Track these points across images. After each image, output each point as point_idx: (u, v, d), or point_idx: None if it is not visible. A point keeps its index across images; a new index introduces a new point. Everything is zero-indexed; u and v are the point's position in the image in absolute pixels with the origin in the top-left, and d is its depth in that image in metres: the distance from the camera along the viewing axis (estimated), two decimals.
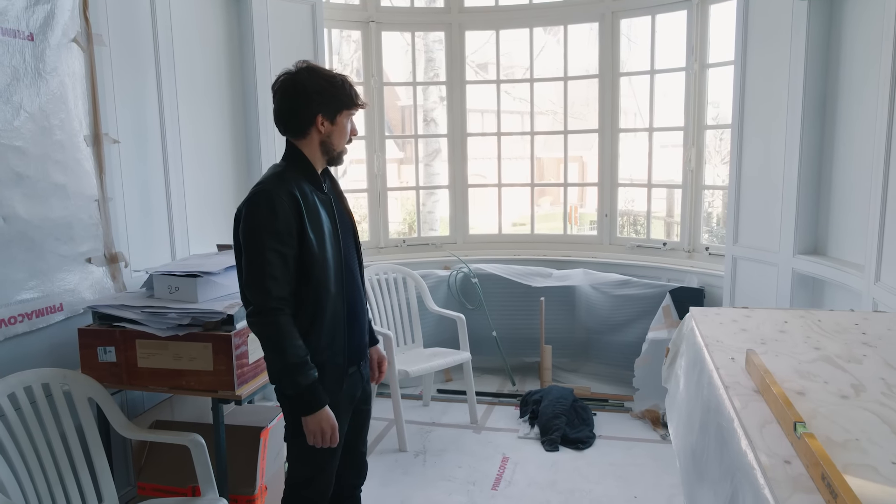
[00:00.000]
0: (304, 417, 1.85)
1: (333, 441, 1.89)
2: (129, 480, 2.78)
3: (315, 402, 1.84)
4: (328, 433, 1.87)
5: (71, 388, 2.25)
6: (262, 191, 1.84)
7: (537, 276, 4.32)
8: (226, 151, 3.60)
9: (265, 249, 1.79)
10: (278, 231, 1.80)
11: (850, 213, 2.96)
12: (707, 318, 2.00)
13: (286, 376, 1.82)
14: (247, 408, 3.00)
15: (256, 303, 1.82)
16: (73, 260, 2.59)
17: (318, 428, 1.85)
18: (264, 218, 1.80)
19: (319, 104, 1.90)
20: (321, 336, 1.91)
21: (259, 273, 1.80)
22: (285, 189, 1.84)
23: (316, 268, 1.86)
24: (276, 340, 1.81)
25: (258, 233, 1.80)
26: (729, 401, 1.37)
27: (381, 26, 4.53)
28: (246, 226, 1.83)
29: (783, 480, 1.03)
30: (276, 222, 1.80)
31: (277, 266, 1.80)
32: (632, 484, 3.06)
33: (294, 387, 1.82)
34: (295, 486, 2.03)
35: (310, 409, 1.84)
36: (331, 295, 1.91)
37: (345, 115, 1.96)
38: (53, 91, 2.47)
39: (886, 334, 1.78)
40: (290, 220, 1.82)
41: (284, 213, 1.81)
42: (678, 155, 4.27)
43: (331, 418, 1.87)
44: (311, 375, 1.83)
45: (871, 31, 2.74)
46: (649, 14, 4.24)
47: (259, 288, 1.81)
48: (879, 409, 1.27)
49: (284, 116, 1.94)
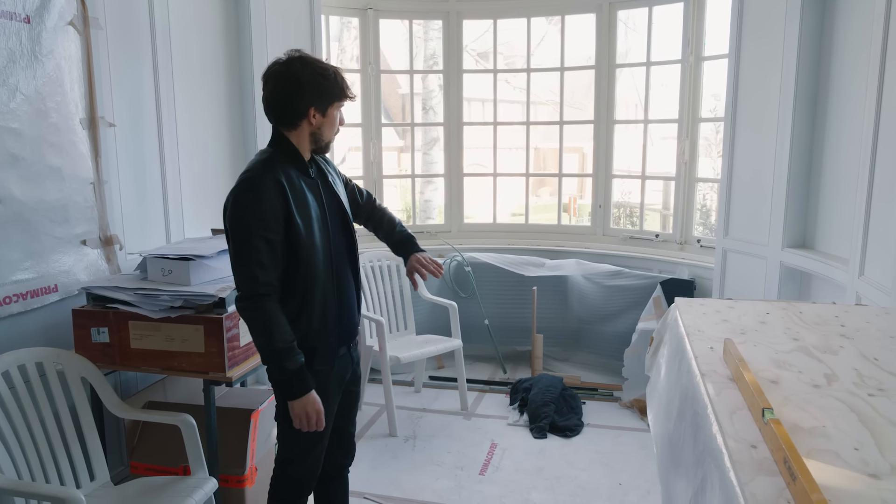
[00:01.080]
0: (290, 402, 1.88)
1: (319, 425, 1.91)
2: (122, 460, 2.82)
3: (301, 386, 1.87)
4: (313, 418, 1.89)
5: (64, 367, 2.29)
6: (248, 178, 1.85)
7: (530, 265, 4.35)
8: (222, 136, 3.61)
9: (252, 236, 1.81)
10: (265, 217, 1.82)
11: (837, 208, 2.99)
12: (691, 309, 2.03)
13: (273, 361, 1.85)
14: (239, 390, 3.04)
15: (244, 289, 1.84)
16: (68, 242, 2.61)
17: (303, 412, 1.88)
18: (251, 205, 1.82)
19: (313, 97, 1.90)
20: (312, 319, 1.94)
21: (246, 259, 1.82)
22: (271, 175, 1.85)
23: (304, 252, 1.89)
24: (263, 325, 1.83)
25: (245, 220, 1.82)
26: (704, 388, 1.41)
27: (378, 14, 4.53)
28: (233, 213, 1.85)
29: (748, 464, 1.07)
30: (262, 209, 1.81)
31: (265, 252, 1.82)
32: (617, 471, 3.11)
33: (281, 371, 1.85)
34: (284, 465, 2.08)
35: (296, 394, 1.87)
36: (320, 278, 1.94)
37: (335, 106, 1.97)
38: (49, 74, 2.49)
39: (865, 327, 1.81)
40: (277, 206, 1.83)
41: (270, 199, 1.82)
42: (675, 147, 4.29)
43: (316, 403, 1.90)
44: (298, 360, 1.86)
45: (861, 28, 2.76)
46: (647, 6, 4.24)
47: (246, 274, 1.83)
48: (849, 398, 1.31)
49: (276, 107, 1.93)
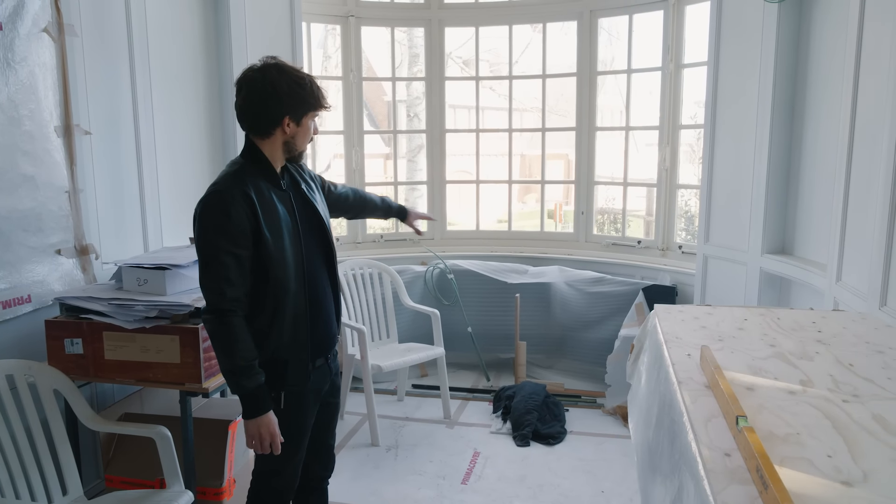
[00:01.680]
0: (245, 420, 1.85)
1: (275, 449, 1.87)
2: (98, 473, 2.77)
3: (256, 407, 1.83)
4: (266, 440, 1.85)
5: (36, 379, 2.24)
6: (214, 192, 1.82)
7: (513, 272, 4.35)
8: (201, 144, 3.58)
9: (220, 252, 1.78)
10: (231, 233, 1.79)
11: (815, 214, 3.01)
12: (669, 316, 2.03)
13: (231, 377, 1.82)
14: (218, 401, 3.01)
15: (210, 302, 1.81)
16: (42, 251, 2.57)
17: (256, 432, 1.84)
18: (217, 220, 1.79)
19: (287, 106, 1.86)
20: (283, 333, 1.91)
21: (213, 274, 1.79)
22: (239, 189, 1.82)
23: (273, 266, 1.86)
24: (225, 342, 1.80)
25: (211, 235, 1.79)
26: (680, 395, 1.40)
27: (360, 21, 4.53)
28: (200, 227, 1.81)
29: (721, 472, 1.06)
30: (229, 224, 1.78)
31: (232, 268, 1.79)
32: (600, 479, 3.10)
33: (238, 389, 1.82)
34: (262, 477, 2.05)
35: (251, 413, 1.83)
36: (290, 292, 1.90)
37: (310, 116, 1.94)
38: (23, 81, 2.45)
39: (841, 332, 1.82)
40: (244, 221, 1.80)
41: (238, 214, 1.79)
42: (657, 154, 4.31)
43: (271, 425, 1.86)
44: (257, 380, 1.83)
45: (836, 36, 2.79)
46: (627, 13, 4.27)
47: (212, 289, 1.80)
48: (823, 405, 1.31)
49: (249, 115, 1.89)
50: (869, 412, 1.27)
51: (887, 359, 1.59)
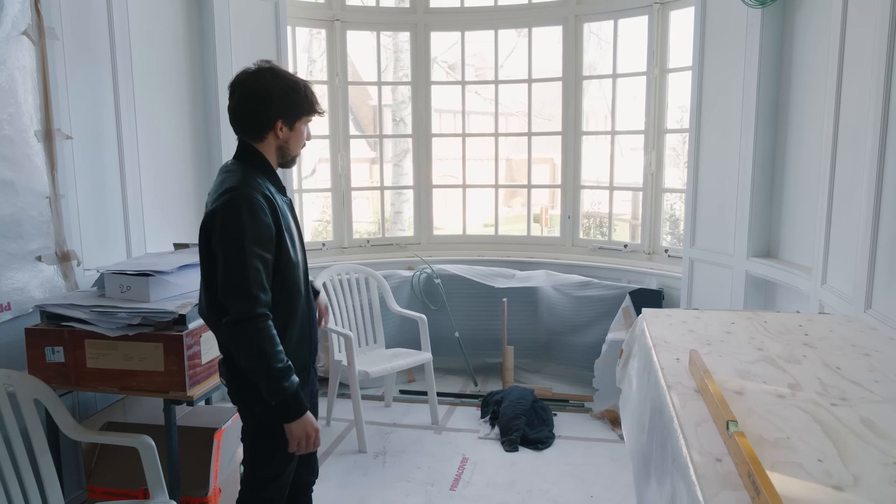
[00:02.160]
0: (287, 424, 1.80)
1: (317, 445, 1.87)
2: (80, 484, 2.72)
3: (299, 407, 1.80)
4: (312, 437, 1.84)
5: (16, 389, 2.19)
6: (240, 195, 1.76)
7: (500, 276, 4.34)
8: (185, 149, 3.54)
9: (249, 255, 1.73)
10: (259, 236, 1.75)
11: (800, 217, 3.03)
12: (658, 320, 2.03)
13: (273, 382, 1.76)
14: (203, 408, 2.97)
15: (241, 310, 1.73)
16: (22, 258, 2.52)
17: (303, 433, 1.81)
18: (246, 223, 1.73)
19: (281, 110, 1.85)
20: (293, 336, 1.91)
21: (243, 280, 1.73)
22: (259, 192, 1.79)
23: (290, 271, 1.85)
24: (262, 347, 1.74)
25: (240, 239, 1.73)
26: (670, 400, 1.40)
27: (346, 25, 4.51)
28: (226, 232, 1.74)
29: (713, 478, 1.06)
30: (257, 226, 1.75)
31: (261, 272, 1.76)
32: (589, 483, 3.09)
33: (280, 392, 1.76)
34: (254, 488, 2.01)
35: (294, 415, 1.80)
36: (301, 296, 1.92)
37: (303, 121, 1.92)
38: (1, 85, 2.41)
39: (828, 335, 1.83)
40: (270, 224, 1.78)
41: (265, 216, 1.77)
42: (643, 158, 4.33)
43: (314, 422, 1.85)
44: (295, 381, 1.79)
45: (819, 40, 2.81)
46: (612, 18, 4.29)
47: (244, 295, 1.73)
48: (812, 409, 1.31)
49: (243, 118, 1.88)
50: (857, 415, 1.27)
51: (873, 361, 1.59)
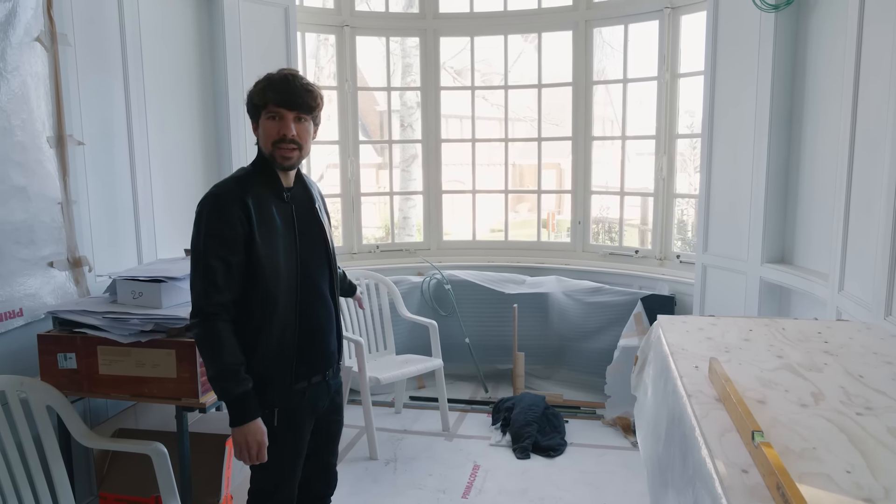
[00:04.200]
0: (231, 428, 1.80)
1: (261, 458, 1.82)
2: (91, 490, 2.71)
3: (243, 413, 1.78)
4: (254, 449, 1.80)
5: (28, 395, 2.19)
6: (211, 195, 1.83)
7: (510, 282, 4.32)
8: (195, 155, 3.55)
9: (209, 254, 1.78)
10: (223, 236, 1.78)
11: (816, 223, 3.00)
12: (674, 327, 2.01)
13: (216, 383, 1.78)
14: (215, 415, 2.96)
15: (196, 306, 1.80)
16: (35, 264, 2.52)
17: (243, 441, 1.79)
18: (210, 222, 1.79)
19: (249, 108, 1.91)
20: (267, 347, 1.87)
21: (201, 277, 1.78)
22: (237, 194, 1.81)
23: (262, 277, 1.83)
24: (209, 345, 1.78)
25: (203, 237, 1.79)
26: (691, 409, 1.37)
27: (355, 31, 4.51)
28: (195, 228, 1.82)
29: (740, 490, 1.03)
30: (222, 227, 1.78)
31: (219, 272, 1.78)
32: (602, 491, 3.06)
33: (223, 394, 1.78)
34: (259, 495, 2.00)
35: (237, 421, 1.78)
36: (279, 305, 1.86)
37: (264, 115, 1.86)
38: (14, 91, 2.41)
39: (848, 343, 1.80)
40: (237, 226, 1.79)
41: (231, 218, 1.78)
42: (653, 163, 4.30)
43: (258, 433, 1.81)
44: (244, 386, 1.78)
45: (834, 44, 2.79)
46: (622, 23, 4.28)
47: (199, 292, 1.78)
48: (837, 418, 1.28)
49: None
50: (884, 425, 1.25)
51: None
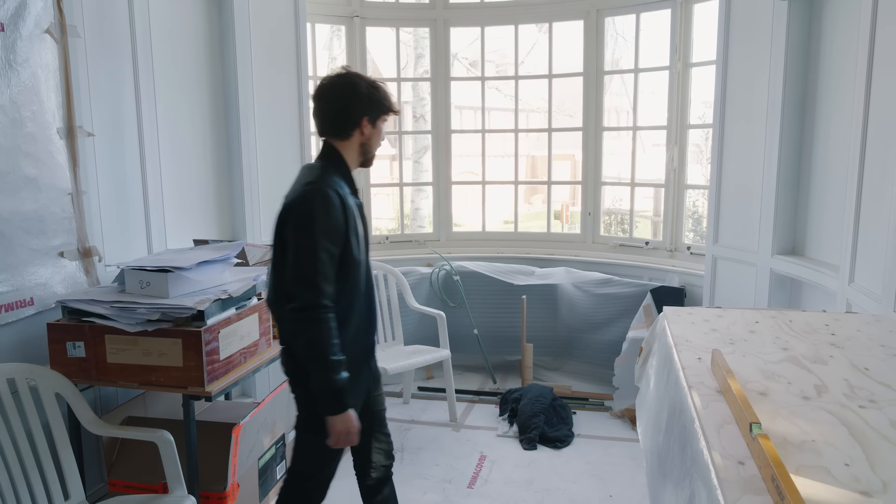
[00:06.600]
0: (330, 417, 1.87)
1: (353, 442, 1.92)
2: (101, 477, 2.75)
3: (343, 402, 1.87)
4: (353, 434, 1.90)
5: (38, 383, 2.22)
6: (316, 190, 1.88)
7: (519, 273, 4.31)
8: (205, 146, 3.56)
9: (318, 248, 1.83)
10: (329, 230, 1.86)
11: (827, 215, 2.96)
12: (679, 318, 1.99)
13: (324, 373, 1.83)
14: (222, 403, 2.98)
15: (306, 299, 1.83)
16: (45, 254, 2.55)
17: (344, 429, 1.88)
18: (319, 216, 1.85)
19: (367, 107, 1.99)
20: (349, 334, 1.96)
21: (311, 270, 1.83)
22: (335, 190, 1.91)
23: (353, 268, 1.94)
24: (319, 338, 1.83)
25: (312, 231, 1.84)
26: (691, 400, 1.37)
27: (365, 21, 4.50)
28: (299, 223, 1.86)
29: (735, 481, 1.03)
30: (328, 221, 1.86)
31: (328, 264, 1.85)
32: (608, 483, 3.06)
33: (328, 384, 1.84)
34: (298, 477, 2.10)
35: (337, 410, 1.86)
36: (360, 294, 1.99)
37: (383, 119, 2.04)
38: (25, 82, 2.43)
39: (855, 335, 1.78)
40: (340, 220, 1.88)
41: (336, 212, 1.87)
42: (665, 154, 4.27)
43: (355, 420, 1.90)
44: (344, 377, 1.86)
45: (848, 34, 2.74)
46: (634, 12, 4.23)
47: (310, 285, 1.83)
48: (839, 411, 1.27)
49: (331, 117, 2.00)
50: (886, 418, 1.23)
51: None
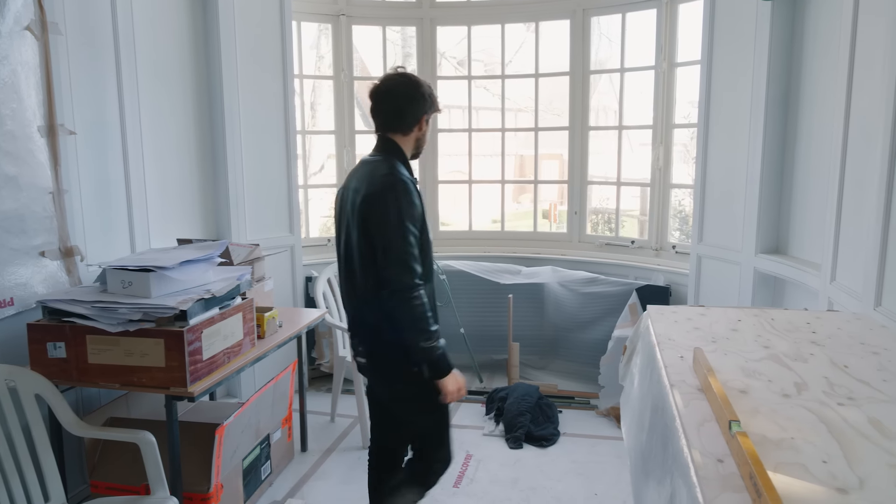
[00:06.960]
0: (441, 380, 2.05)
1: (464, 394, 2.12)
2: (83, 478, 2.72)
3: (449, 364, 2.07)
4: (463, 389, 2.11)
5: (17, 384, 2.20)
6: (396, 179, 2.03)
7: (506, 273, 4.31)
8: (189, 144, 3.54)
9: (407, 232, 1.99)
10: (413, 215, 2.02)
11: (809, 214, 2.99)
12: (662, 317, 2.00)
13: (431, 342, 2.01)
14: (207, 404, 2.97)
15: (402, 281, 1.98)
16: (26, 253, 2.52)
17: (455, 385, 2.08)
18: (403, 203, 2.00)
19: (427, 105, 2.16)
20: None
21: (404, 255, 1.98)
22: (408, 177, 2.06)
23: (428, 248, 2.11)
24: (421, 313, 1.99)
25: (401, 218, 1.99)
26: (673, 399, 1.37)
27: (351, 20, 4.49)
28: (390, 211, 1.99)
29: (714, 479, 1.03)
30: (413, 209, 2.02)
31: (415, 246, 2.01)
32: (593, 481, 3.07)
33: (432, 352, 2.01)
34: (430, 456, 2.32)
35: (445, 371, 2.06)
36: (433, 271, 2.16)
37: (432, 116, 2.23)
38: (4, 80, 2.41)
39: (836, 333, 1.79)
40: (419, 205, 2.05)
41: (415, 198, 2.04)
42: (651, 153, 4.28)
43: (461, 377, 2.11)
44: (444, 343, 2.06)
45: (830, 36, 2.77)
46: (620, 12, 4.24)
47: (405, 268, 1.98)
48: (818, 409, 1.28)
49: (397, 114, 2.13)
50: (864, 416, 1.24)
51: (882, 360, 1.56)
